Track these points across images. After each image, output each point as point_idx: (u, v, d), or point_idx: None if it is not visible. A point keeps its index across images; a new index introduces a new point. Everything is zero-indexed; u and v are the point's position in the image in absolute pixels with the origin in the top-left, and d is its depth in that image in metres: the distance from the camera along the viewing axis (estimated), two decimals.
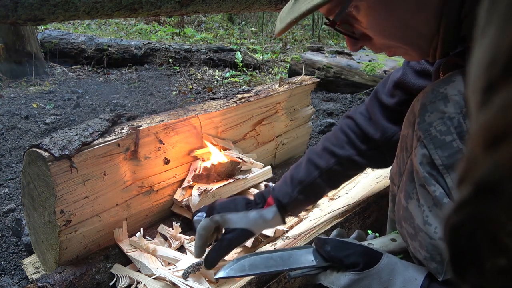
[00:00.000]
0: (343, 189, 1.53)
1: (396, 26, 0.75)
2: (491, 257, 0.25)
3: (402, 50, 0.81)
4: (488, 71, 0.24)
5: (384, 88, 1.11)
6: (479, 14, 0.27)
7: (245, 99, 1.61)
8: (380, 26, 0.76)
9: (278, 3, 1.72)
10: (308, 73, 3.57)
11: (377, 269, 0.81)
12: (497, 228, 0.24)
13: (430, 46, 0.77)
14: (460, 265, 0.27)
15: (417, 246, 0.80)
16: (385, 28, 0.76)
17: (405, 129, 0.87)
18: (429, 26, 0.74)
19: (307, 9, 0.72)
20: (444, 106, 0.75)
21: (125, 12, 1.26)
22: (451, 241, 0.27)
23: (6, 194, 1.86)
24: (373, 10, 0.75)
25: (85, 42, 4.29)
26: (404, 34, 0.76)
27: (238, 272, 0.90)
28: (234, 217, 1.02)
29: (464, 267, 0.27)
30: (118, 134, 1.18)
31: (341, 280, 0.84)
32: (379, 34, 0.78)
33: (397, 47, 0.80)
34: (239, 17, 8.03)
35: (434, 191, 0.74)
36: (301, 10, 0.74)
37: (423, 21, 0.74)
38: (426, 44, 0.77)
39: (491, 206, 0.24)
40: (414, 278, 0.79)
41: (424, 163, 0.76)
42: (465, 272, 0.27)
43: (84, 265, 1.13)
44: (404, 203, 0.83)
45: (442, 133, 0.74)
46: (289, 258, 0.91)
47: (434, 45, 0.77)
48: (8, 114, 2.86)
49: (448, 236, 0.27)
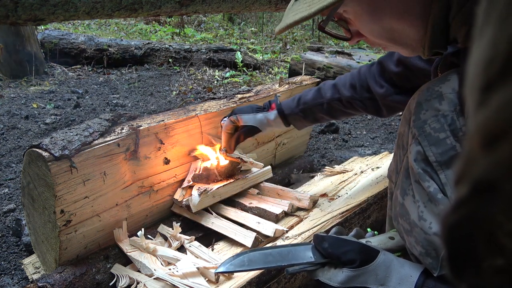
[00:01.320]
0: (343, 189, 1.53)
1: (383, 29, 0.79)
2: (488, 257, 0.25)
3: (394, 48, 0.85)
4: (486, 70, 0.24)
5: (391, 58, 1.21)
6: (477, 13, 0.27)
7: (245, 99, 1.61)
8: (368, 28, 0.81)
9: (278, 3, 1.72)
10: (308, 73, 3.57)
11: (374, 266, 0.83)
12: (494, 228, 0.24)
13: (419, 45, 0.80)
14: (457, 264, 0.27)
15: (413, 242, 0.81)
16: (373, 30, 0.81)
17: (402, 127, 0.88)
18: (416, 30, 0.77)
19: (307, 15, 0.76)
20: (438, 104, 0.77)
21: (125, 12, 1.26)
22: (448, 241, 0.27)
23: (6, 194, 1.86)
24: (360, 15, 0.80)
25: (85, 42, 4.29)
26: (391, 36, 0.80)
27: (238, 267, 0.93)
28: (246, 117, 1.32)
29: (461, 267, 0.27)
30: (118, 134, 1.18)
31: (338, 276, 0.85)
32: (369, 35, 0.83)
33: (388, 46, 0.85)
34: (239, 17, 8.03)
35: (429, 187, 0.76)
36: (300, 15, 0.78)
37: (409, 26, 0.77)
38: (415, 43, 0.80)
39: (489, 205, 0.24)
40: (409, 275, 0.80)
41: (418, 160, 0.78)
42: (462, 271, 0.27)
43: (84, 265, 1.13)
44: (400, 199, 0.85)
45: (436, 130, 0.76)
46: (287, 254, 0.93)
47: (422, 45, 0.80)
48: (8, 114, 2.86)
49: (445, 236, 0.27)
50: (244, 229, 1.25)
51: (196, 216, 1.34)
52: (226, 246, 1.26)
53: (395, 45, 0.82)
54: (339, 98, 1.28)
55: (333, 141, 2.57)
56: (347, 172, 1.70)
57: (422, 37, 0.77)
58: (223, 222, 1.30)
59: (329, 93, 1.29)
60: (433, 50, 0.80)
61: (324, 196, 1.48)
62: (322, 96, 1.29)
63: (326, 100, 1.29)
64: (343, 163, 1.91)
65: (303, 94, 1.33)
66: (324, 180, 1.67)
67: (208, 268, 1.09)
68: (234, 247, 1.24)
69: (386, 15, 0.77)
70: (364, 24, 0.81)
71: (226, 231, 1.27)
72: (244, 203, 1.40)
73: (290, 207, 1.37)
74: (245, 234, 1.22)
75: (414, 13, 0.75)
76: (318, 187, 1.59)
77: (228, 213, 1.36)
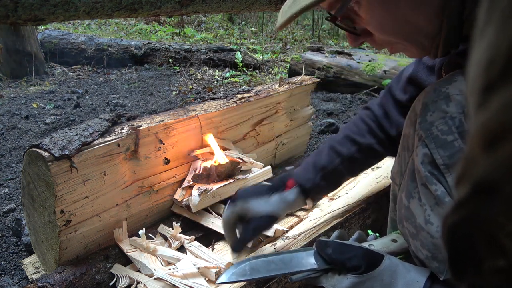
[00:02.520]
0: (343, 189, 1.53)
1: (396, 22, 0.75)
2: (489, 257, 0.25)
3: (402, 47, 0.81)
4: (487, 72, 0.24)
5: (397, 84, 1.12)
6: (478, 14, 0.27)
7: (245, 99, 1.61)
8: (379, 21, 0.76)
9: (278, 3, 1.72)
10: (308, 73, 3.57)
11: (379, 272, 0.81)
12: (495, 228, 0.24)
13: (431, 44, 0.77)
14: (458, 265, 0.27)
15: (419, 246, 0.80)
16: (385, 23, 0.76)
17: (407, 128, 0.87)
18: (430, 24, 0.74)
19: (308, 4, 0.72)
20: (446, 105, 0.75)
21: (125, 12, 1.26)
22: (449, 241, 0.27)
23: (6, 194, 1.86)
24: (373, 5, 0.75)
25: (85, 42, 4.29)
26: (403, 30, 0.76)
27: (240, 277, 0.90)
28: (256, 204, 1.04)
29: (462, 267, 0.27)
30: (118, 134, 1.18)
31: (343, 283, 0.83)
32: (379, 29, 0.78)
33: (397, 43, 0.80)
34: (239, 17, 8.03)
35: (436, 190, 0.74)
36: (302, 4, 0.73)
37: (424, 19, 0.73)
38: (427, 41, 0.77)
39: (489, 206, 0.24)
40: (416, 281, 0.79)
41: (425, 163, 0.76)
42: (463, 272, 0.27)
43: (84, 265, 1.13)
44: (405, 202, 0.83)
45: (444, 133, 0.74)
46: (290, 261, 0.91)
47: (436, 43, 0.76)
48: (8, 114, 2.86)
49: (446, 236, 0.27)
50: None
51: (196, 216, 1.34)
52: (226, 246, 1.26)
53: (406, 42, 0.78)
54: (358, 150, 1.13)
55: None
56: None
57: (435, 35, 0.75)
58: None
59: (345, 148, 1.13)
60: (446, 49, 0.77)
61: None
62: (339, 153, 1.13)
63: (346, 156, 1.12)
64: None
65: (316, 159, 1.13)
66: None
67: (208, 268, 1.09)
68: None
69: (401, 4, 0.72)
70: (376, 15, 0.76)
71: None
72: None
73: None
74: None
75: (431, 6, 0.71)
76: None
77: None
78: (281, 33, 6.84)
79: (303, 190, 1.09)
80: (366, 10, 0.76)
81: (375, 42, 0.82)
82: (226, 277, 0.91)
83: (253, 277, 0.91)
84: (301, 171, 1.12)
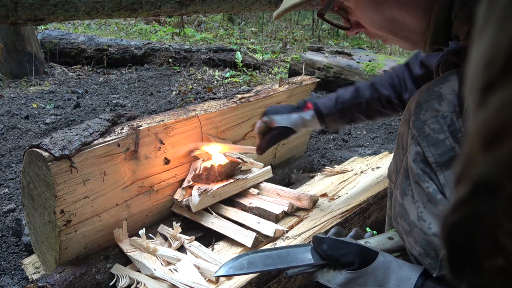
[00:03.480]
0: (343, 189, 1.53)
1: (384, 20, 0.78)
2: (488, 257, 0.25)
3: (394, 41, 0.84)
4: (486, 71, 0.24)
5: (416, 60, 1.20)
6: (477, 14, 0.27)
7: (245, 99, 1.61)
8: (369, 18, 0.80)
9: (278, 3, 1.72)
10: (308, 73, 3.57)
11: (373, 268, 0.83)
12: (495, 228, 0.24)
13: (420, 39, 0.79)
14: (457, 264, 0.27)
15: (412, 242, 0.81)
16: (374, 20, 0.79)
17: (401, 127, 0.88)
18: (418, 21, 0.76)
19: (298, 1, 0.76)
20: (438, 104, 0.77)
21: (125, 12, 1.26)
22: (448, 241, 0.27)
23: (6, 194, 1.86)
24: (362, 4, 0.78)
25: (85, 42, 4.29)
26: (392, 27, 0.79)
27: (237, 271, 0.92)
28: (279, 118, 1.27)
29: (461, 267, 0.27)
30: (118, 134, 1.18)
31: (337, 278, 0.85)
32: (369, 25, 0.81)
33: (388, 38, 0.83)
34: (239, 17, 8.03)
35: (428, 188, 0.76)
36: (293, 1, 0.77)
37: (411, 16, 0.76)
38: (416, 37, 0.79)
39: (489, 206, 0.24)
40: (408, 277, 0.80)
41: (417, 160, 0.78)
42: (462, 271, 0.27)
43: (84, 265, 1.13)
44: (399, 199, 0.85)
45: (436, 131, 0.76)
46: (287, 256, 0.93)
47: (425, 39, 0.79)
48: (8, 114, 2.86)
49: (445, 236, 0.27)
50: (244, 229, 1.26)
51: (196, 216, 1.34)
52: (226, 246, 1.26)
53: (396, 37, 0.81)
54: (378, 98, 1.25)
55: (333, 141, 2.57)
56: (347, 172, 1.70)
57: (424, 31, 0.77)
58: (223, 222, 1.30)
59: (368, 93, 1.26)
60: (434, 46, 0.79)
61: (324, 196, 1.48)
62: (361, 95, 1.26)
63: (364, 100, 1.25)
64: (343, 163, 1.91)
65: (340, 94, 1.30)
66: (324, 180, 1.67)
67: (208, 268, 1.09)
68: (234, 247, 1.24)
69: (388, 3, 0.75)
70: (365, 13, 0.79)
71: (226, 231, 1.27)
72: (244, 203, 1.40)
73: (290, 207, 1.37)
74: (245, 234, 1.22)
75: (417, 5, 0.74)
76: (318, 187, 1.60)
77: (228, 213, 1.36)
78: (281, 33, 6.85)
79: (320, 114, 1.27)
80: (354, 7, 0.80)
81: (368, 33, 0.85)
82: (224, 270, 0.92)
83: (250, 271, 0.93)
84: (324, 100, 1.30)
